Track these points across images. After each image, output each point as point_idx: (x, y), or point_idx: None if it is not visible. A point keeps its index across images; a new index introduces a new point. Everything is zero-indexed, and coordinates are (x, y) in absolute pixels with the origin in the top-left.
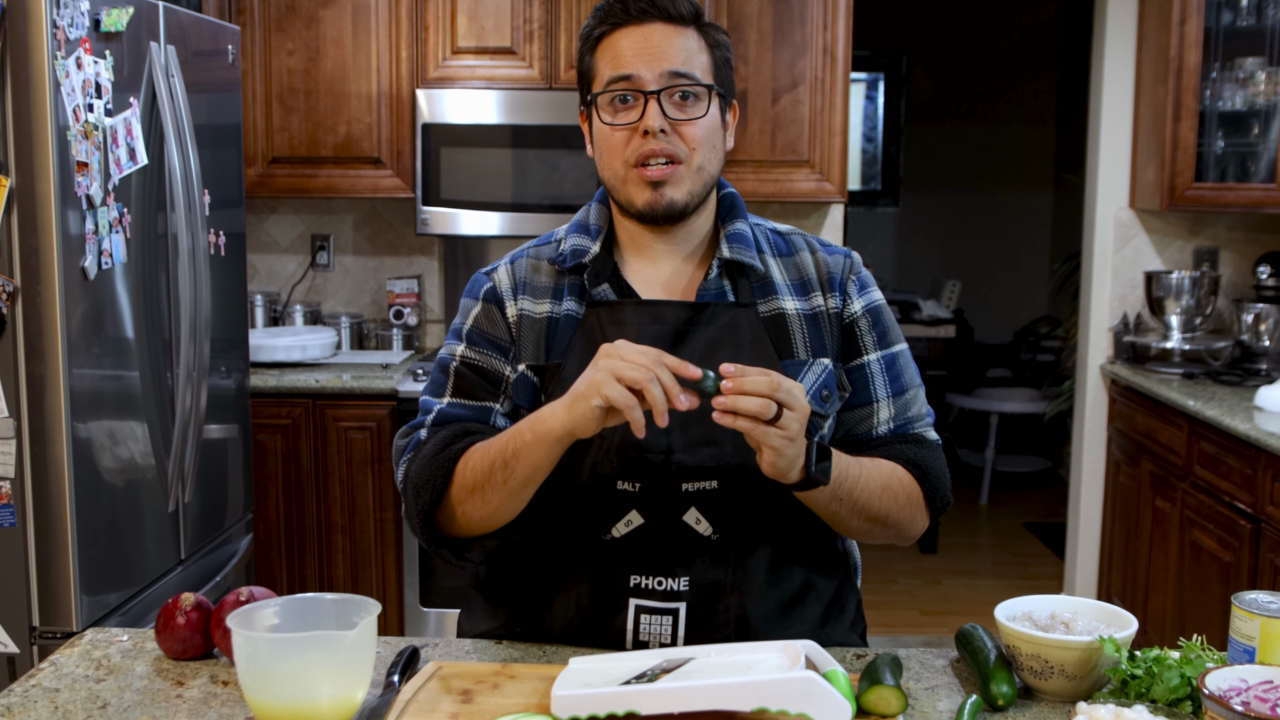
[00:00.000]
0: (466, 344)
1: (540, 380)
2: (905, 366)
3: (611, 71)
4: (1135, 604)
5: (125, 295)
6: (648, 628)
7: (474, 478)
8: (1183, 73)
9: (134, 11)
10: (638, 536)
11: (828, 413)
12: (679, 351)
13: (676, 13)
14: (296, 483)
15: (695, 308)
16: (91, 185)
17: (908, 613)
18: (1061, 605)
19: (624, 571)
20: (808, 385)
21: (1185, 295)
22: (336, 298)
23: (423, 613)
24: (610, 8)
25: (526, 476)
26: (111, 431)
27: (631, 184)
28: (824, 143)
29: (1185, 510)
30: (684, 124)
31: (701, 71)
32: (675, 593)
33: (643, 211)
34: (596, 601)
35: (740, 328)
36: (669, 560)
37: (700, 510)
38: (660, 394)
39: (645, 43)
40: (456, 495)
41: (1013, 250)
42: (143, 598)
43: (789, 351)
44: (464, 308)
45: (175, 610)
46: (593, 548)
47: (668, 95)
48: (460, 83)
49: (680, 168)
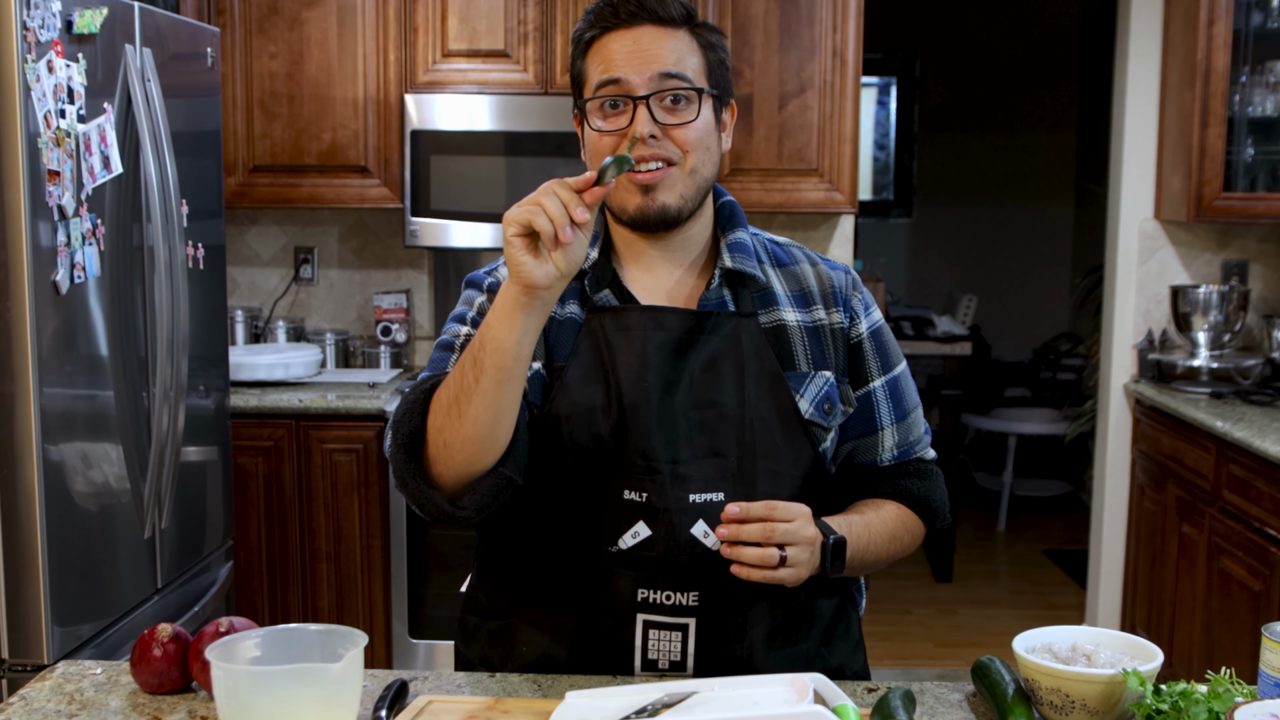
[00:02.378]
0: (471, 326)
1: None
2: (906, 388)
3: (600, 75)
4: (1160, 635)
5: (99, 310)
6: (656, 644)
7: (448, 394)
8: (1210, 77)
9: (108, 12)
10: (644, 549)
11: (830, 425)
12: (683, 361)
13: (666, 14)
14: (279, 508)
15: (698, 316)
16: (63, 195)
17: (921, 644)
18: (1083, 636)
19: (631, 586)
20: (810, 397)
21: (1213, 311)
22: (321, 313)
23: (412, 644)
24: (600, 11)
25: (497, 365)
26: (84, 454)
27: (622, 189)
28: (833, 150)
29: (1213, 536)
30: (675, 128)
31: (693, 73)
32: (684, 608)
33: (634, 217)
34: (604, 617)
35: (742, 338)
36: (678, 574)
37: (708, 523)
38: (556, 205)
39: (634, 46)
40: (434, 423)
41: (1032, 264)
42: (117, 629)
43: (790, 363)
44: (467, 297)
45: (151, 642)
46: (599, 559)
47: (658, 99)
48: (451, 87)
49: (673, 170)
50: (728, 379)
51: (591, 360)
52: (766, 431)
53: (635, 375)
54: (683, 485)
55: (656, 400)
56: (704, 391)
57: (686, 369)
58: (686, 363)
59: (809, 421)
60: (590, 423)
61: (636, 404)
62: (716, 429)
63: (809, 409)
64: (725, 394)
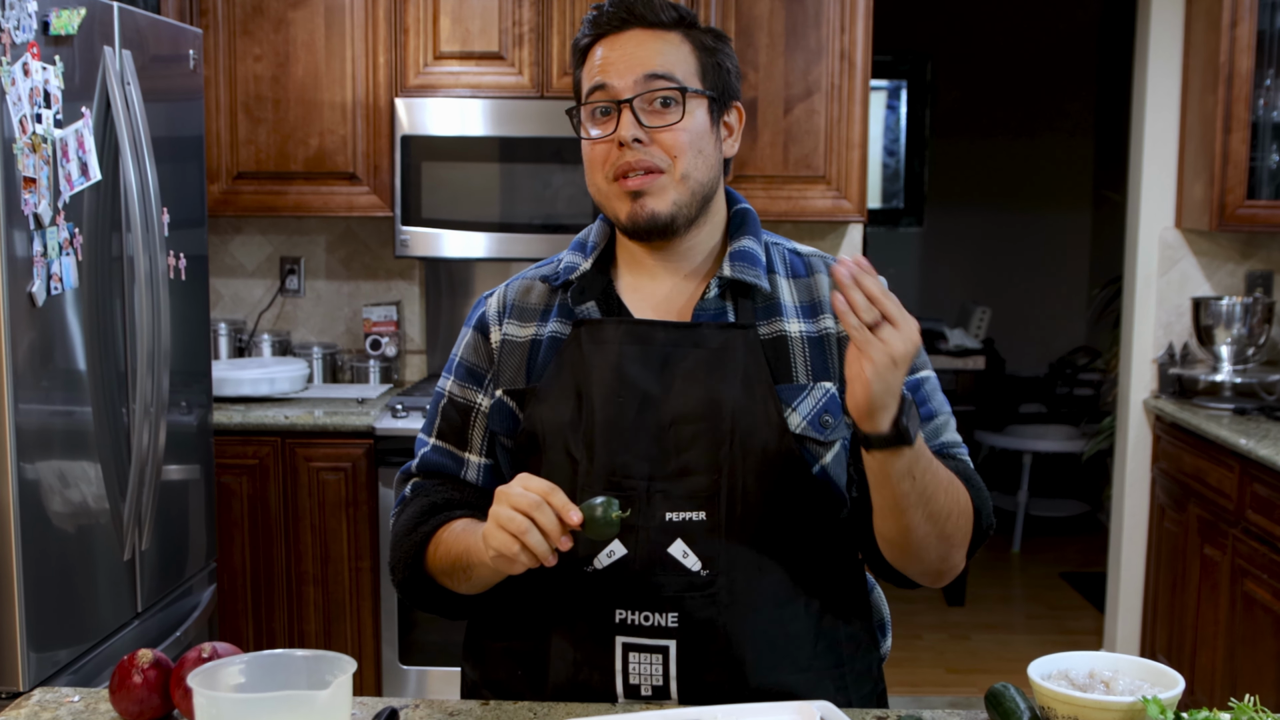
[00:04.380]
0: (455, 379)
1: (519, 404)
2: (932, 392)
3: (589, 82)
4: (1182, 661)
5: (76, 323)
6: (637, 667)
7: (444, 566)
8: (1234, 80)
9: (86, 13)
10: (621, 569)
11: (829, 439)
12: (665, 375)
13: (655, 18)
14: (264, 528)
15: (686, 328)
16: (40, 203)
17: (933, 671)
18: (1101, 663)
19: (609, 606)
20: (805, 411)
21: (1236, 323)
22: (308, 326)
23: (402, 670)
24: (593, 18)
25: (487, 581)
26: (61, 472)
27: (614, 198)
28: (841, 156)
29: (1236, 559)
30: (661, 131)
31: (684, 74)
32: (664, 629)
33: (626, 225)
34: (584, 639)
35: (735, 350)
36: (655, 595)
37: (687, 543)
38: (539, 542)
39: (621, 50)
40: (433, 570)
41: (1048, 274)
42: (96, 654)
43: (787, 375)
44: (460, 336)
45: (131, 668)
46: (576, 580)
47: (644, 101)
48: (443, 91)
49: (661, 177)
50: (711, 392)
51: (565, 376)
52: (751, 448)
53: (609, 390)
54: (660, 503)
55: (632, 415)
56: (684, 406)
57: (666, 383)
58: (667, 376)
59: (801, 437)
60: (562, 440)
61: (610, 420)
62: (696, 445)
63: (800, 423)
64: (707, 408)
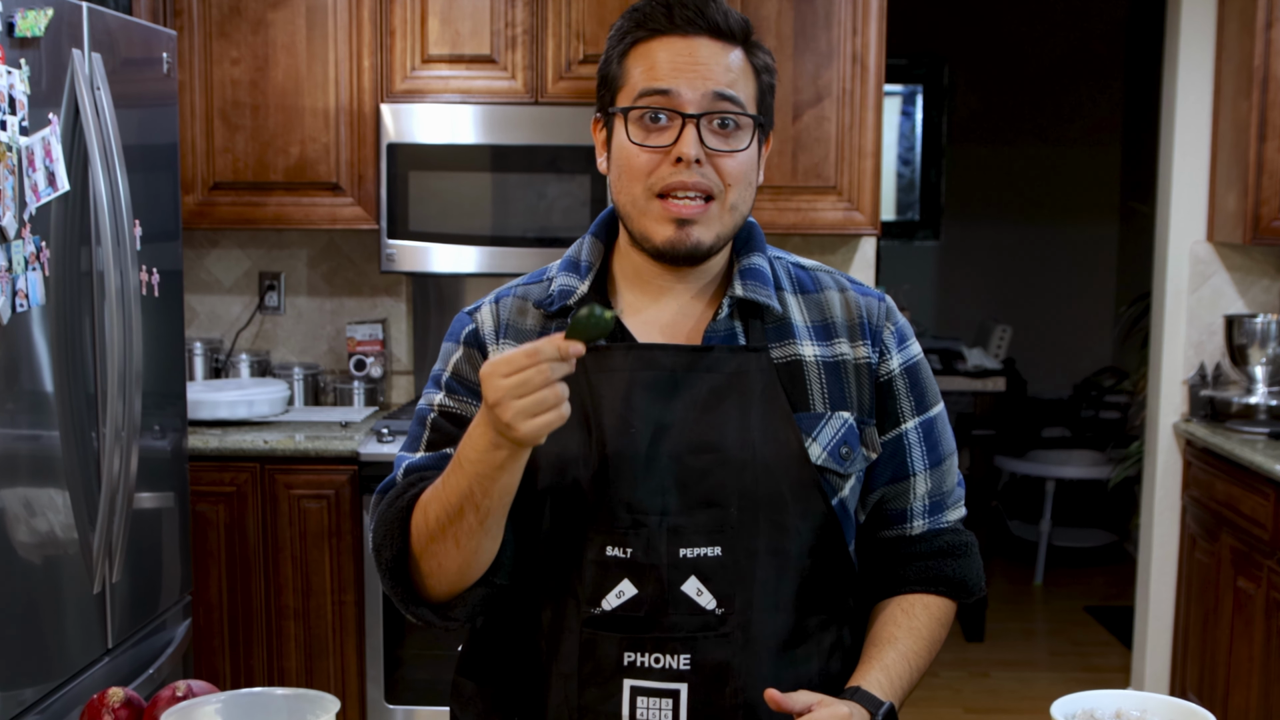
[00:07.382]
0: (446, 392)
1: None
2: (943, 431)
3: (646, 84)
4: (1214, 700)
5: (43, 342)
6: (644, 712)
7: (439, 522)
8: (1269, 85)
9: (54, 14)
10: (631, 609)
11: (848, 472)
12: (677, 402)
13: (727, 27)
14: (242, 560)
15: (697, 352)
16: (4, 215)
17: (950, 710)
18: (1129, 702)
19: (617, 649)
20: (825, 441)
21: (1272, 342)
22: (288, 345)
23: (388, 710)
24: (651, 11)
25: (487, 510)
26: (27, 500)
27: (652, 216)
28: (853, 166)
29: (1272, 591)
30: (723, 156)
31: (747, 98)
32: (675, 672)
33: (661, 249)
34: (588, 682)
35: (750, 375)
36: (667, 636)
37: (701, 580)
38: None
39: (689, 57)
40: (420, 545)
41: (1072, 291)
42: (64, 693)
43: (804, 404)
44: (444, 352)
45: (101, 708)
46: (581, 622)
47: (708, 121)
48: (431, 96)
49: (713, 206)
50: (729, 421)
51: (571, 406)
52: (771, 479)
53: (620, 420)
54: (674, 539)
55: (644, 446)
56: (700, 435)
57: (680, 410)
58: (681, 404)
59: (821, 468)
60: (567, 474)
61: (620, 452)
62: (713, 476)
63: (821, 454)
64: (725, 437)
